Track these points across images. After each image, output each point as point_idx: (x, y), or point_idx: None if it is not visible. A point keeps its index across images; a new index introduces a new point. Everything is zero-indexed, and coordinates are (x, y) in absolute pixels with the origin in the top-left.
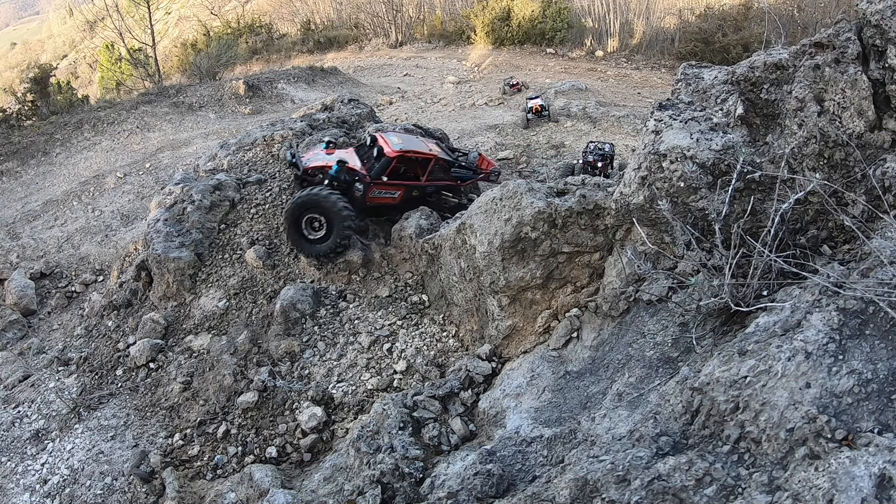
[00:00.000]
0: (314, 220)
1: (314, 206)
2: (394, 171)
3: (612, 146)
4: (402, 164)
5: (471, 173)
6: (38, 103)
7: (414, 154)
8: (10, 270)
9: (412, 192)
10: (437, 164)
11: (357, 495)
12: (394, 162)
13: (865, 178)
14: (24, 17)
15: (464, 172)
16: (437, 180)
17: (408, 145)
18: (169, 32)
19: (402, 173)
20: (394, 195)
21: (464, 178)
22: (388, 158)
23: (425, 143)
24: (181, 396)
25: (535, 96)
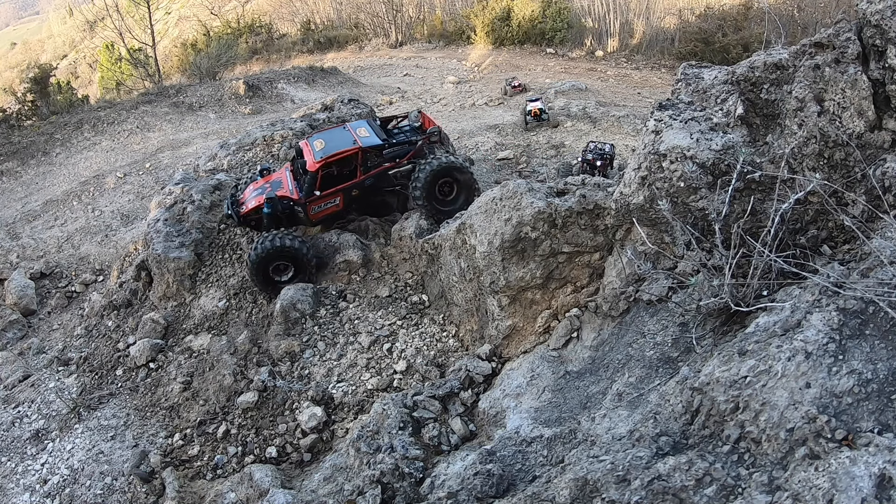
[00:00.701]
0: (281, 265)
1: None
2: (325, 179)
3: (612, 146)
4: (332, 167)
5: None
6: (38, 103)
7: (338, 155)
8: (10, 270)
9: (352, 193)
10: (366, 154)
11: (357, 495)
12: (319, 174)
13: (865, 178)
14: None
15: (401, 149)
16: (374, 168)
17: (330, 147)
18: (169, 32)
19: (337, 177)
20: (335, 203)
21: (403, 153)
22: (311, 174)
23: (353, 133)
24: (181, 396)
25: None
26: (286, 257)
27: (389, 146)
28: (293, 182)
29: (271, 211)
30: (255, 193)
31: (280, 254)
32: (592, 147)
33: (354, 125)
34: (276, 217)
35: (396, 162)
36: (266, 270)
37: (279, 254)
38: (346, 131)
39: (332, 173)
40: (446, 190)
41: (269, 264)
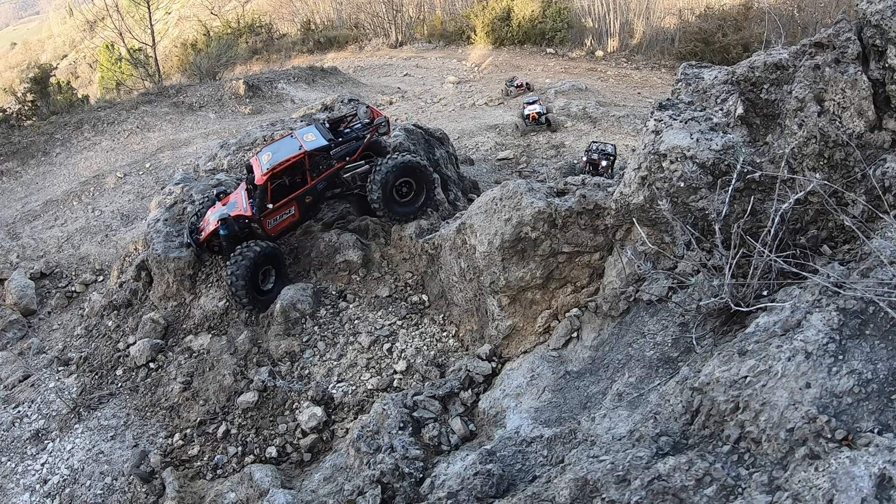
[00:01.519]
0: (268, 272)
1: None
2: (279, 190)
3: (614, 147)
4: (282, 178)
5: (356, 143)
6: (38, 103)
7: (283, 164)
8: (10, 270)
9: (306, 200)
10: (314, 158)
11: (357, 495)
12: (268, 186)
13: (865, 178)
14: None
15: (349, 146)
16: (326, 171)
17: (277, 156)
18: (169, 32)
19: (291, 186)
20: (290, 213)
21: (352, 151)
22: (261, 187)
23: (300, 139)
24: (181, 396)
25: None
26: (269, 261)
27: (336, 145)
28: (247, 200)
29: (228, 232)
30: (213, 217)
31: (265, 259)
32: (594, 147)
33: (302, 132)
34: (234, 238)
35: (347, 160)
36: (255, 280)
37: (264, 259)
38: (293, 139)
39: (284, 183)
40: (404, 190)
41: (256, 273)
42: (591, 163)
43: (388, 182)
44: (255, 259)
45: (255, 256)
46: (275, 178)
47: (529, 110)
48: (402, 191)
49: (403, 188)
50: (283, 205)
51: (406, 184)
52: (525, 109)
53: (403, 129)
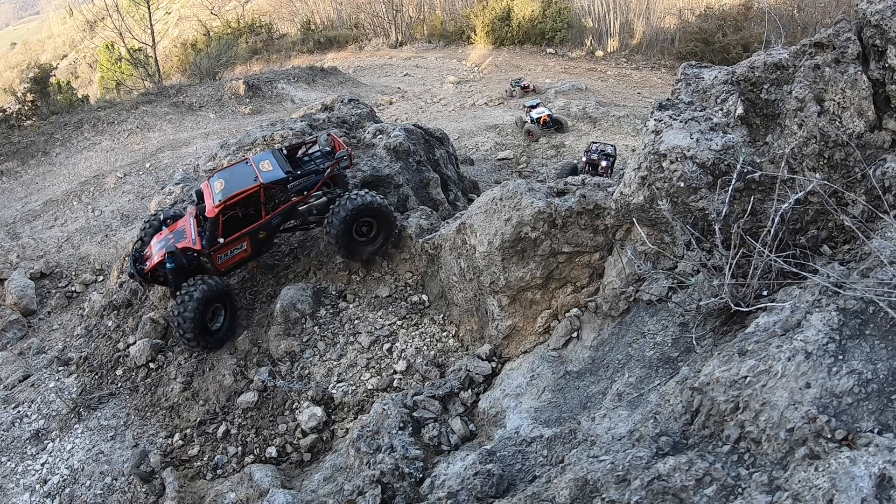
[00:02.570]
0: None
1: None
2: (230, 223)
3: (614, 147)
4: (235, 209)
5: (315, 176)
6: (38, 103)
7: (237, 197)
8: (10, 270)
9: (259, 235)
10: (270, 191)
11: (357, 495)
12: (219, 219)
13: (865, 178)
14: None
15: (307, 180)
16: (282, 204)
17: (230, 188)
18: (169, 32)
19: (243, 219)
20: (242, 248)
21: (311, 184)
22: (212, 220)
23: (255, 168)
24: (181, 396)
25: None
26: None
27: (295, 178)
28: (196, 230)
29: (175, 265)
30: (158, 246)
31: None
32: (594, 147)
33: (258, 158)
34: (182, 271)
35: (305, 195)
36: (204, 319)
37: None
38: (248, 167)
39: (237, 216)
40: (364, 230)
41: (205, 311)
42: (591, 163)
43: (348, 221)
44: (203, 298)
45: (203, 296)
46: (227, 210)
47: (538, 113)
48: (362, 230)
49: (363, 227)
50: (235, 239)
51: (366, 223)
52: (532, 113)
53: (403, 129)
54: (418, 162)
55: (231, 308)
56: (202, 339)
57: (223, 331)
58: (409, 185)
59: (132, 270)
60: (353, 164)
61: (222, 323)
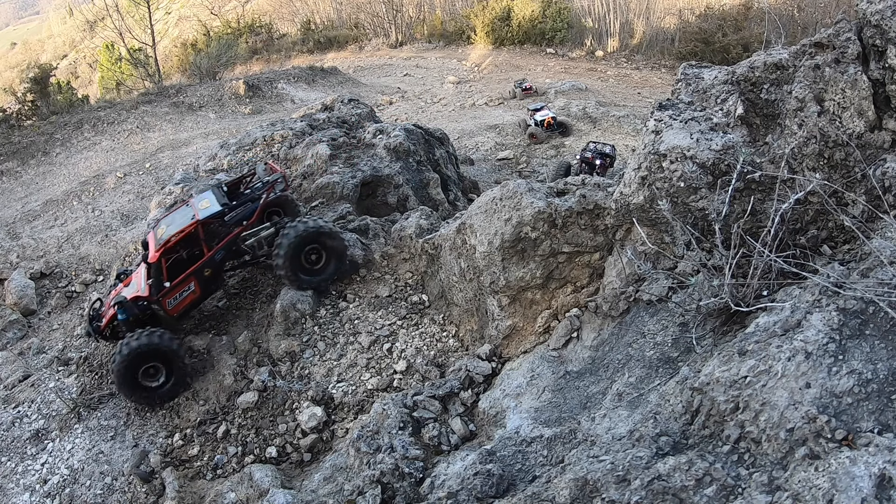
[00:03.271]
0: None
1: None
2: (176, 266)
3: (613, 147)
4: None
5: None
6: (38, 103)
7: (175, 238)
8: (10, 270)
9: (205, 273)
10: (208, 227)
11: (357, 495)
12: (162, 263)
13: (865, 178)
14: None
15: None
16: (222, 239)
17: (170, 229)
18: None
19: (189, 259)
20: (190, 289)
21: (249, 213)
22: (154, 265)
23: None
24: (181, 396)
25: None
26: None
27: (231, 209)
28: (146, 278)
29: (127, 316)
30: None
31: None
32: (592, 147)
33: (198, 199)
34: (135, 322)
35: (244, 224)
36: (136, 372)
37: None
38: (188, 208)
39: (182, 258)
40: (313, 258)
41: (135, 368)
42: (585, 161)
43: (295, 250)
44: (130, 354)
45: (130, 352)
46: (170, 253)
47: (542, 116)
48: (311, 258)
49: (312, 255)
50: (181, 281)
51: (315, 251)
52: (537, 115)
53: (403, 129)
54: (418, 162)
55: (175, 368)
56: (135, 395)
57: (166, 389)
58: (409, 185)
59: (89, 329)
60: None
61: (162, 382)
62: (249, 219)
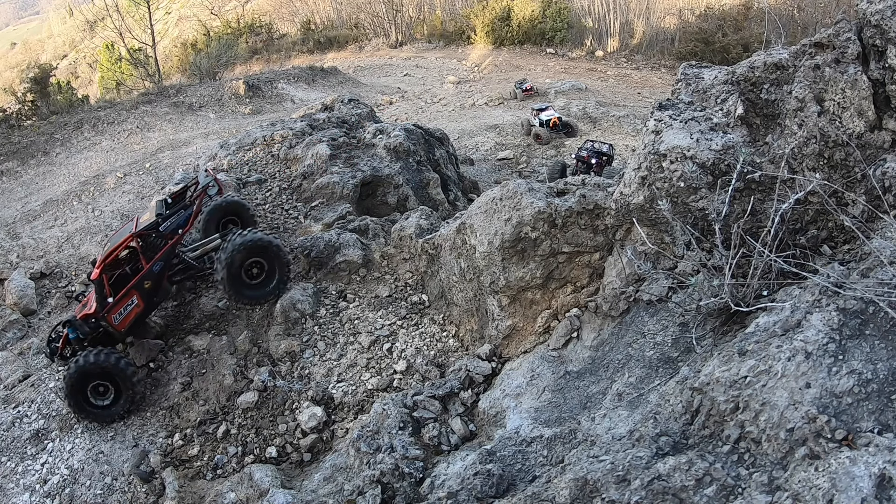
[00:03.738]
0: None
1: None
2: (119, 281)
3: (611, 146)
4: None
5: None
6: (38, 103)
7: (113, 253)
8: (10, 270)
9: (145, 286)
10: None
11: (357, 495)
12: (103, 279)
13: (865, 178)
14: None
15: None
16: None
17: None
18: (169, 32)
19: (131, 274)
20: (134, 303)
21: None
22: (97, 282)
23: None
24: (181, 396)
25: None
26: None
27: (164, 219)
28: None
29: (77, 335)
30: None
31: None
32: (589, 146)
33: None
34: (91, 340)
35: (180, 233)
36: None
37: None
38: (130, 223)
39: (127, 272)
40: (255, 271)
41: (82, 388)
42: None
43: (234, 262)
44: (75, 374)
45: (75, 372)
46: (111, 268)
47: (548, 116)
48: (253, 272)
49: (254, 269)
50: (124, 296)
51: (257, 264)
52: (542, 115)
53: (403, 129)
54: (418, 162)
55: (123, 387)
56: (84, 414)
57: (115, 409)
58: (409, 185)
59: (47, 351)
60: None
61: (111, 401)
62: (184, 227)
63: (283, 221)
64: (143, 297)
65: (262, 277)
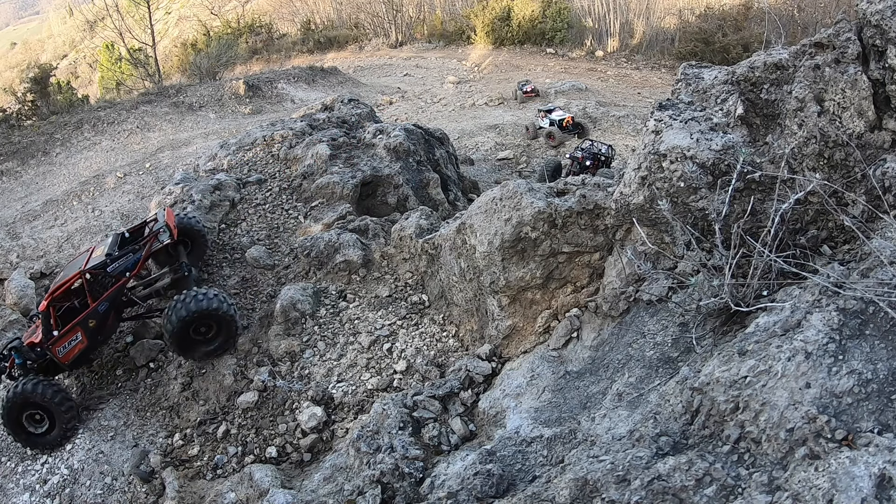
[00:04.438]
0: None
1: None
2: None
3: (610, 147)
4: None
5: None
6: (38, 103)
7: (62, 287)
8: (10, 270)
9: (89, 324)
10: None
11: (357, 495)
12: (50, 311)
13: (865, 178)
14: (24, 17)
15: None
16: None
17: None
18: (169, 32)
19: (77, 309)
20: (78, 339)
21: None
22: (44, 314)
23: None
24: (181, 396)
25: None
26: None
27: (114, 259)
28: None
29: (22, 360)
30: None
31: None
32: (587, 146)
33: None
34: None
35: (127, 276)
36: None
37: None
38: (85, 255)
39: (75, 306)
40: (202, 329)
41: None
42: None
43: (185, 323)
44: (8, 402)
45: (8, 399)
46: (60, 300)
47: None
48: (201, 330)
49: (202, 328)
50: (68, 331)
51: (204, 323)
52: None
53: (403, 129)
54: (418, 162)
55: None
56: (21, 439)
57: (51, 437)
58: (409, 185)
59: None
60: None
61: (46, 430)
62: (131, 270)
63: (283, 221)
64: (86, 335)
65: (210, 334)
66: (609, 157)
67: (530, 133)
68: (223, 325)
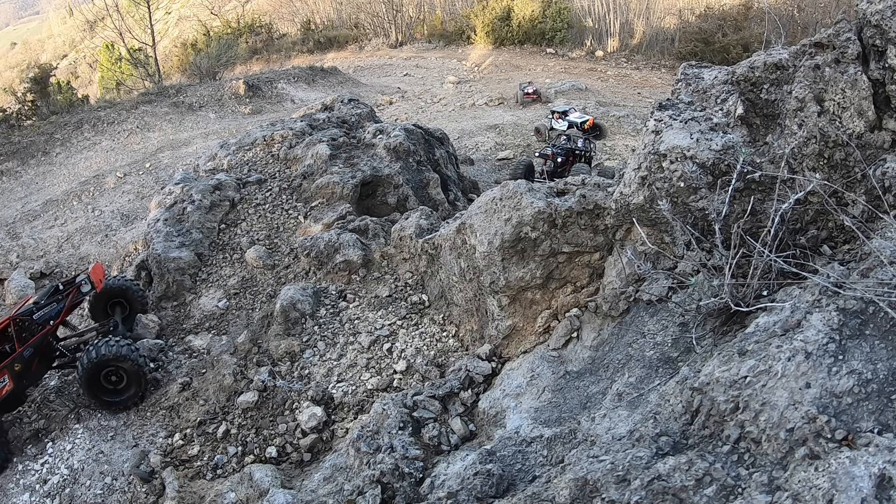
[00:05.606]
0: None
1: None
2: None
3: (588, 141)
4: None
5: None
6: (38, 103)
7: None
8: (10, 270)
9: (15, 369)
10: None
11: (357, 495)
12: None
13: (865, 178)
14: (24, 17)
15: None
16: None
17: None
18: (169, 32)
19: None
20: (4, 382)
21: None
22: None
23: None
24: (181, 396)
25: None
26: None
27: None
28: None
29: None
30: None
31: None
32: (560, 142)
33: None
34: None
35: (51, 324)
36: None
37: None
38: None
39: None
40: (113, 378)
41: None
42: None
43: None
44: None
45: None
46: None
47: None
48: (111, 379)
49: (112, 376)
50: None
51: (115, 372)
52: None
53: (403, 128)
54: (418, 162)
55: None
56: None
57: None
58: (409, 185)
59: None
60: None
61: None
62: (55, 318)
63: (282, 221)
64: (13, 378)
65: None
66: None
67: (542, 136)
68: (132, 376)
